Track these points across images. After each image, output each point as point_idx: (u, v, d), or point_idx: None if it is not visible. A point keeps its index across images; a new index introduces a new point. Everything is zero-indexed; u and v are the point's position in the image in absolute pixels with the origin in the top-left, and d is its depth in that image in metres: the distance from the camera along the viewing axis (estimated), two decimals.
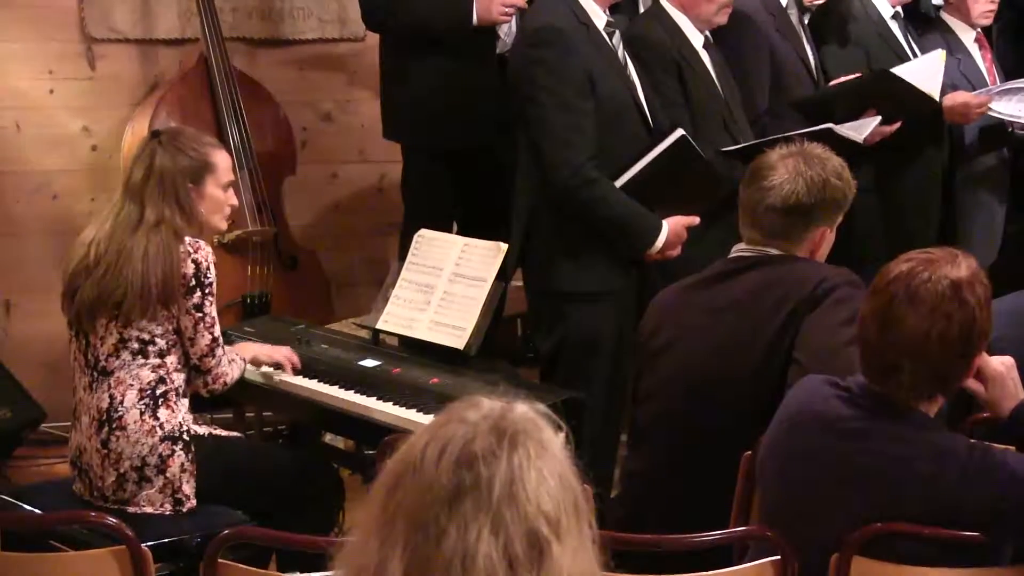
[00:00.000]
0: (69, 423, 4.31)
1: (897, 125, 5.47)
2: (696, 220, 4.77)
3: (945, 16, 6.22)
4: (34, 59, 6.10)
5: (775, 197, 3.79)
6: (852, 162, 3.99)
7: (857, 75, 5.59)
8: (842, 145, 4.41)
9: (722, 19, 5.13)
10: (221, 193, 4.25)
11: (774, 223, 3.81)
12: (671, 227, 4.72)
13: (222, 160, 4.27)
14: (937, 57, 5.61)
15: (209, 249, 4.14)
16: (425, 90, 5.52)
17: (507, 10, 5.37)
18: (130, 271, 4.03)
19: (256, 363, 4.54)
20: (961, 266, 3.05)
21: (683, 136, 4.67)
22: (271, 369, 4.57)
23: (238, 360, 4.35)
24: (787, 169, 3.80)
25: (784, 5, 5.61)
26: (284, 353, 4.59)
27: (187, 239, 4.10)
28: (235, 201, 4.36)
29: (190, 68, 6.06)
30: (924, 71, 5.52)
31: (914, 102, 5.47)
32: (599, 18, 4.83)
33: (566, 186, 4.66)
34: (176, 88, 5.99)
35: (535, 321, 5.08)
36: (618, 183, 4.69)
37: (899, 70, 5.49)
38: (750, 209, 3.86)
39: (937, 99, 5.56)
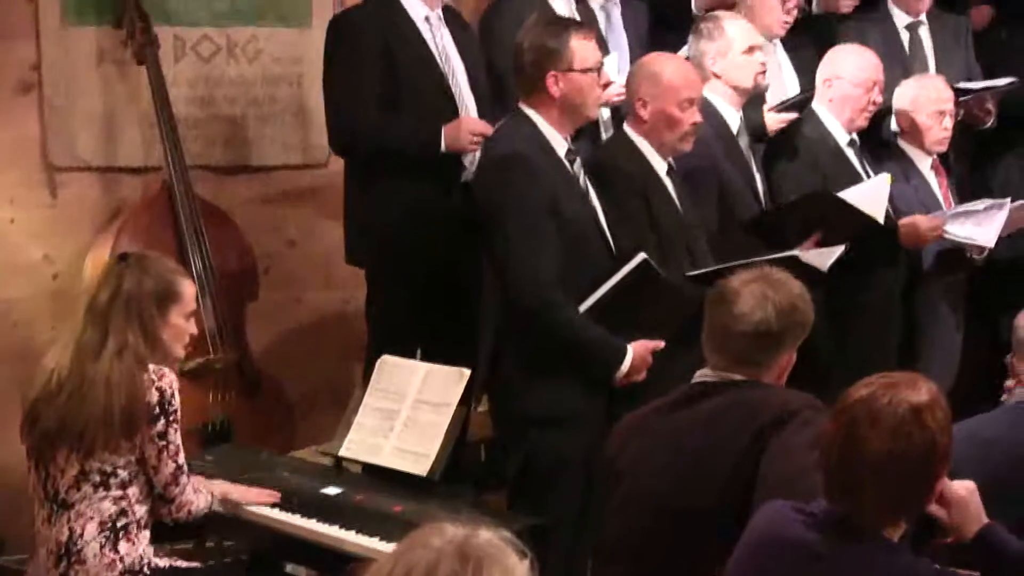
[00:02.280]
0: (27, 556, 4.25)
1: (844, 247, 5.54)
2: (661, 344, 4.79)
3: (902, 143, 6.31)
4: None
5: (746, 324, 3.80)
6: (812, 285, 4.02)
7: (800, 196, 5.65)
8: (802, 272, 4.45)
9: (686, 146, 5.19)
10: (183, 322, 4.24)
11: (745, 350, 3.82)
12: (636, 351, 4.74)
13: (188, 289, 4.27)
14: (883, 180, 5.69)
15: (173, 376, 4.13)
16: (390, 215, 5.52)
17: (475, 138, 5.40)
18: (93, 400, 4.00)
19: (227, 500, 4.47)
20: (921, 390, 3.07)
21: (645, 260, 4.69)
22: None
23: (205, 492, 4.30)
24: (753, 295, 3.82)
25: (735, 132, 5.68)
26: (262, 493, 4.52)
27: (151, 366, 4.08)
28: (195, 330, 4.34)
29: (152, 195, 6.05)
30: (869, 194, 5.60)
31: (858, 224, 5.53)
32: (560, 145, 4.88)
33: (531, 310, 4.69)
34: (138, 215, 5.98)
35: (501, 445, 5.07)
36: (582, 307, 4.72)
37: (844, 193, 5.57)
38: (719, 335, 3.86)
39: (881, 221, 5.62)
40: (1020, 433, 3.89)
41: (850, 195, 5.56)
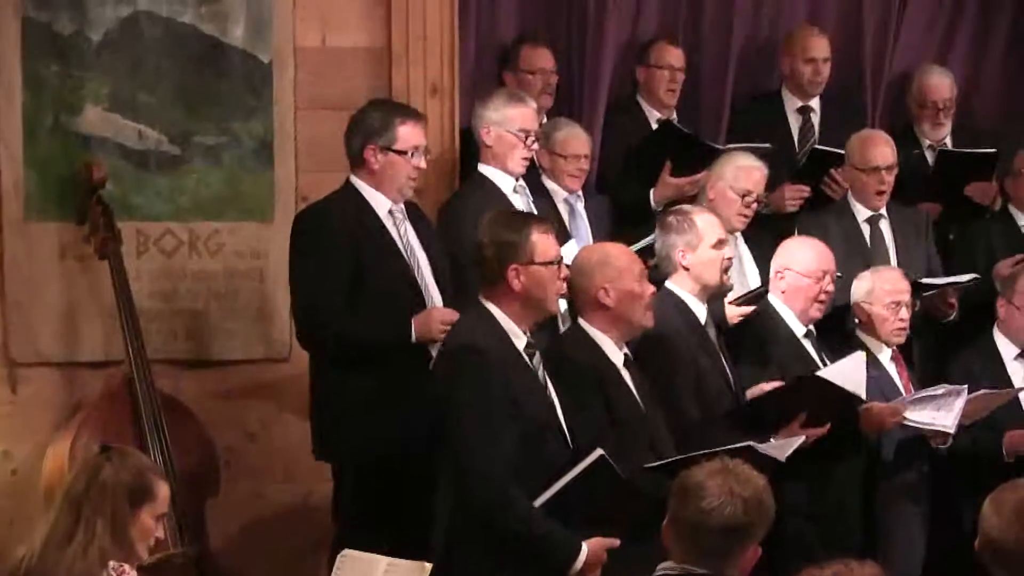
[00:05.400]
0: None
1: (827, 427, 5.57)
2: (616, 542, 4.74)
3: (860, 334, 6.35)
4: None
5: (717, 520, 3.74)
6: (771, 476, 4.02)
7: (782, 383, 5.68)
8: (760, 462, 4.47)
9: (648, 321, 5.24)
10: (152, 523, 4.23)
11: (715, 546, 3.77)
12: (590, 548, 4.69)
13: (163, 491, 4.27)
14: (859, 358, 5.74)
15: (134, 573, 4.10)
16: (359, 408, 5.53)
17: (445, 328, 5.41)
18: None
19: None
20: None
21: (602, 456, 4.68)
22: None
23: None
24: (720, 489, 3.77)
25: (703, 323, 5.72)
26: None
27: (111, 563, 4.05)
28: (161, 535, 4.35)
29: (113, 389, 6.04)
30: (847, 372, 5.64)
31: (841, 404, 5.58)
32: (519, 339, 4.89)
33: (485, 504, 4.67)
34: (98, 410, 5.96)
35: None
36: (537, 502, 4.69)
37: (823, 372, 5.61)
38: (686, 529, 3.81)
39: (864, 398, 5.66)
40: None
41: (830, 374, 5.60)
